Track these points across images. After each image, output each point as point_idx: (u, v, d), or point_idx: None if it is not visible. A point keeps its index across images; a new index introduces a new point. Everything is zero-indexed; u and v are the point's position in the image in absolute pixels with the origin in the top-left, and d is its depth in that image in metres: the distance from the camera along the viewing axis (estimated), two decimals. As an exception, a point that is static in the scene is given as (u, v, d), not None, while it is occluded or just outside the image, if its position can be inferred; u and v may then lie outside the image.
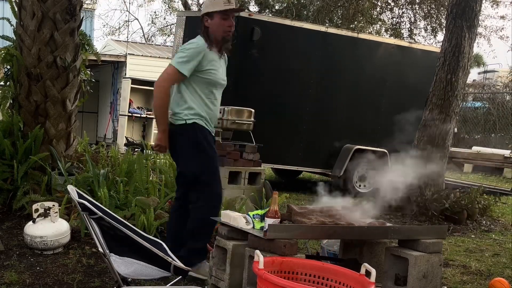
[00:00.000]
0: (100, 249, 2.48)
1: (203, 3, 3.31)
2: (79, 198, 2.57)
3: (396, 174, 3.46)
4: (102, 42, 22.02)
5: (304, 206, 3.22)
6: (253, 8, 17.03)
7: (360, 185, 8.62)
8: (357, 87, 8.62)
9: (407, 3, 15.37)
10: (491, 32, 15.91)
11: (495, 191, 8.22)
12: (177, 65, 3.28)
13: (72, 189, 2.66)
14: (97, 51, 6.59)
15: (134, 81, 12.93)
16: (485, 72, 22.72)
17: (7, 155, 4.99)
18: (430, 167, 6.77)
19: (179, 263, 2.48)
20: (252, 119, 6.60)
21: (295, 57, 8.21)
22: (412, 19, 15.64)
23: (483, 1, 9.62)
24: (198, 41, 3.35)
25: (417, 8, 15.45)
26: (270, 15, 15.13)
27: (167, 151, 3.44)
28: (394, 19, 15.85)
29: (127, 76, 13.40)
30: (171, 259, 2.46)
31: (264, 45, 7.96)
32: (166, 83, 3.31)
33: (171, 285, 2.49)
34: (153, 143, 3.69)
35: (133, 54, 14.26)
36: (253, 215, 3.00)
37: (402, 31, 15.67)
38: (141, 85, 13.00)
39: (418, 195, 6.37)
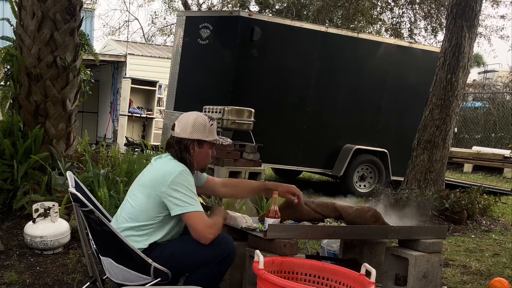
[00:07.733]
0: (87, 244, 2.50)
1: (192, 126, 2.73)
2: (76, 188, 2.57)
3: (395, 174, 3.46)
4: (102, 42, 22.02)
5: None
6: (253, 8, 17.05)
7: (360, 185, 8.62)
8: (357, 87, 8.62)
9: (407, 3, 15.36)
10: (491, 31, 15.93)
11: (495, 191, 8.21)
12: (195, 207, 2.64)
13: (70, 176, 2.63)
14: (96, 51, 6.57)
15: (134, 81, 12.91)
16: (485, 72, 22.71)
17: (7, 155, 4.98)
18: (430, 166, 6.79)
19: (159, 266, 2.48)
20: (252, 119, 6.60)
21: (295, 57, 8.21)
22: (412, 19, 15.64)
23: (483, 1, 9.61)
24: (183, 169, 2.67)
25: (417, 8, 15.44)
26: (270, 15, 15.13)
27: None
28: (394, 19, 15.85)
29: (127, 76, 13.40)
30: (151, 260, 2.47)
31: (264, 45, 7.95)
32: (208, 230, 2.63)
33: (151, 285, 2.49)
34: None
35: (133, 54, 14.25)
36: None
37: (402, 31, 15.67)
38: (141, 85, 12.99)
39: (418, 195, 6.37)
